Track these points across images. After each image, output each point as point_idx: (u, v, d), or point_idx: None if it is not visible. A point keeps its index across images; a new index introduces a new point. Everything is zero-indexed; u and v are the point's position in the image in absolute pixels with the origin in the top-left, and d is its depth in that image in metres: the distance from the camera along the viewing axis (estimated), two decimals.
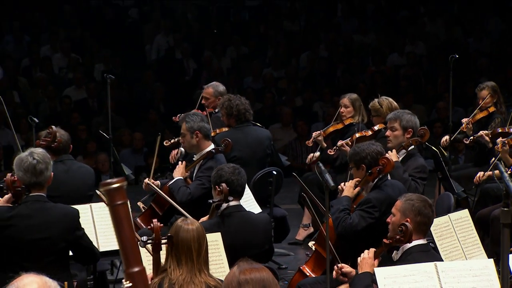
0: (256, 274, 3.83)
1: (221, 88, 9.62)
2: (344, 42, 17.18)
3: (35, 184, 6.03)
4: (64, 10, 16.96)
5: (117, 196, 2.87)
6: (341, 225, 6.65)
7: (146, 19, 17.26)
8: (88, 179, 7.75)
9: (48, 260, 5.99)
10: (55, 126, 7.85)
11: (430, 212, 5.80)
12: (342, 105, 9.65)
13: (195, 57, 16.12)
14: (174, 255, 5.07)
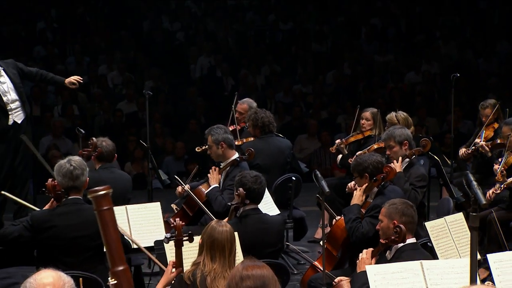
0: (258, 270, 3.81)
1: (254, 104, 9.64)
2: (366, 62, 17.09)
3: (72, 188, 6.07)
4: (121, 35, 17.08)
5: (103, 202, 2.88)
6: (354, 234, 6.65)
7: (191, 42, 17.30)
8: (127, 184, 7.78)
9: (86, 255, 6.04)
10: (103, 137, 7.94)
11: (413, 212, 5.80)
12: (363, 117, 9.59)
13: (233, 75, 16.12)
14: (208, 252, 5.09)
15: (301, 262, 8.91)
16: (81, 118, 14.09)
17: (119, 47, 16.69)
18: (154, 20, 17.82)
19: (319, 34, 17.93)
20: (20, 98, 8.72)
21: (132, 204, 7.37)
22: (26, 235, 6.04)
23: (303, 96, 15.61)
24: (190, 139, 13.17)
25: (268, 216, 6.73)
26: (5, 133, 8.67)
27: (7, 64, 8.93)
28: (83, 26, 17.52)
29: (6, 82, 8.67)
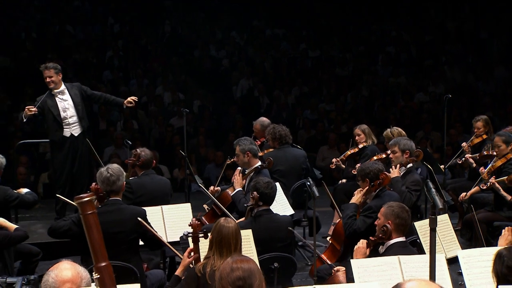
0: (245, 264, 3.81)
1: (266, 122, 9.61)
2: (381, 84, 17.00)
3: (111, 191, 6.14)
4: (174, 61, 17.20)
5: (88, 207, 2.87)
6: (348, 230, 6.68)
7: (234, 67, 17.35)
8: (165, 187, 7.80)
9: (123, 248, 6.08)
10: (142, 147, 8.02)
11: (407, 216, 5.76)
12: (356, 134, 9.63)
13: (268, 95, 16.11)
14: (217, 247, 5.10)
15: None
16: (139, 131, 14.22)
17: (173, 71, 16.80)
18: (203, 48, 17.90)
19: (342, 60, 17.87)
20: (77, 114, 8.91)
21: (171, 204, 7.47)
22: (74, 229, 6.11)
23: (326, 113, 15.56)
24: (229, 149, 13.17)
25: (278, 216, 6.74)
26: (63, 144, 8.85)
27: (72, 86, 9.16)
28: (144, 54, 17.67)
29: (68, 100, 8.89)
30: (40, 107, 8.84)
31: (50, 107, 8.88)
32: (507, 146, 8.57)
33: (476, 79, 17.38)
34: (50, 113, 8.87)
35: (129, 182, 7.49)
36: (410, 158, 7.87)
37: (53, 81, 8.91)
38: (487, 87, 17.01)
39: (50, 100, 8.92)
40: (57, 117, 8.85)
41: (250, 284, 3.71)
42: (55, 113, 8.85)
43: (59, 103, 8.91)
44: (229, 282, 3.71)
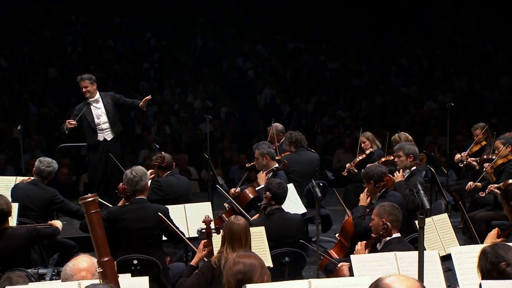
0: (247, 259, 3.83)
1: (280, 127, 9.60)
2: (394, 93, 16.88)
3: (136, 191, 6.16)
4: (204, 72, 17.27)
5: (91, 207, 2.87)
6: (358, 228, 6.66)
7: (259, 77, 17.37)
8: (187, 186, 7.86)
9: (147, 242, 6.11)
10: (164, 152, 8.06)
11: (398, 213, 5.72)
12: (361, 142, 9.58)
13: (289, 103, 16.09)
14: (229, 242, 5.09)
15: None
16: (171, 136, 14.28)
17: (203, 81, 16.85)
18: (231, 60, 17.97)
19: (358, 72, 17.79)
20: (109, 121, 8.99)
21: (193, 202, 7.48)
22: (104, 226, 6.15)
23: (342, 119, 15.48)
24: (252, 153, 13.15)
25: (290, 214, 6.72)
26: (97, 147, 8.94)
27: (106, 94, 9.24)
28: (177, 65, 17.76)
29: (101, 108, 8.98)
30: (76, 115, 8.96)
31: (86, 114, 8.99)
32: (505, 147, 8.49)
33: (482, 88, 17.21)
34: (86, 120, 8.98)
35: (159, 181, 7.56)
36: (414, 161, 7.80)
37: (89, 91, 9.01)
38: (492, 96, 16.85)
39: (86, 108, 9.03)
40: (91, 123, 8.95)
41: (249, 278, 3.72)
42: (89, 120, 8.96)
43: (93, 111, 9.01)
44: (231, 274, 3.75)
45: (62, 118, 14.12)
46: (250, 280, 3.72)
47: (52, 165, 7.47)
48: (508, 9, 18.59)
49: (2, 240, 6.13)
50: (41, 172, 7.39)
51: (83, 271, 3.39)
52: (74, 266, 3.40)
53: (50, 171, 7.43)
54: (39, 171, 7.39)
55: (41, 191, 7.30)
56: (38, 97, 15.54)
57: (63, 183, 11.29)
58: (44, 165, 7.41)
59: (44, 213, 7.20)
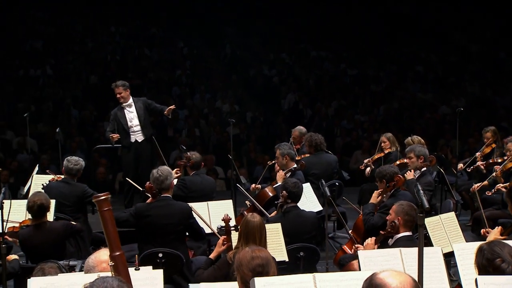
0: (262, 253, 3.82)
1: (303, 130, 9.57)
2: (410, 98, 16.73)
3: (161, 189, 6.18)
4: (232, 79, 17.32)
5: (104, 204, 2.86)
6: (366, 224, 6.63)
7: (283, 83, 17.34)
8: (211, 185, 7.84)
9: (171, 237, 6.11)
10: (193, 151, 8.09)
11: (414, 213, 5.63)
12: (381, 141, 9.49)
13: (311, 107, 16.03)
14: (244, 238, 5.07)
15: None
16: (200, 138, 14.32)
17: (231, 87, 16.89)
18: (257, 68, 17.97)
19: (376, 78, 17.67)
20: (140, 124, 9.05)
21: (216, 200, 7.49)
22: (131, 220, 6.20)
23: (361, 123, 15.39)
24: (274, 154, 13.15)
25: (305, 212, 6.68)
26: (129, 148, 9.00)
27: (138, 100, 9.31)
28: (207, 72, 17.78)
29: (133, 112, 9.06)
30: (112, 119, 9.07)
31: (120, 118, 9.08)
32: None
33: (494, 94, 16.97)
34: (120, 123, 9.06)
35: (184, 179, 7.58)
36: (424, 163, 7.74)
37: (122, 97, 9.10)
38: (503, 101, 16.60)
39: (120, 112, 9.12)
40: (124, 126, 9.04)
41: (267, 271, 3.71)
42: (123, 123, 9.04)
43: (126, 115, 9.09)
44: (249, 268, 3.70)
45: (101, 121, 14.30)
46: (267, 273, 3.71)
47: (79, 162, 7.52)
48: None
49: (41, 233, 6.22)
50: (70, 171, 7.45)
51: (104, 263, 3.43)
52: (95, 258, 3.44)
53: (78, 168, 7.48)
54: (68, 169, 7.45)
55: (72, 187, 7.35)
56: (79, 101, 15.72)
57: (100, 181, 11.42)
58: (72, 163, 7.47)
59: (78, 207, 7.26)
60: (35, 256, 6.24)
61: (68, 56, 17.71)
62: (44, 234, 6.22)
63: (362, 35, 19.46)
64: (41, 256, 5.98)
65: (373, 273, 2.72)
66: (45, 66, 16.84)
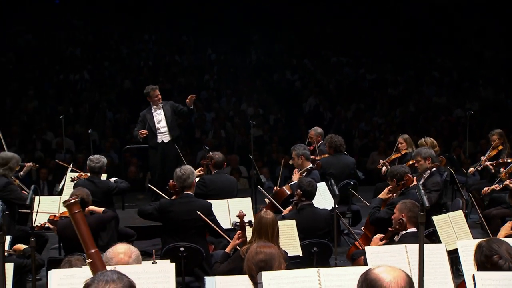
0: (267, 249, 3.82)
1: (319, 130, 9.54)
2: (426, 101, 16.55)
3: (184, 187, 6.22)
4: (256, 83, 17.32)
5: (74, 208, 2.83)
6: (371, 217, 6.60)
7: (305, 87, 17.29)
8: (232, 184, 7.84)
9: (192, 232, 6.16)
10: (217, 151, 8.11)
11: (417, 210, 5.58)
12: (398, 142, 9.39)
13: (331, 110, 15.96)
14: (257, 234, 5.08)
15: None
16: (226, 139, 14.35)
17: (255, 91, 16.89)
18: (280, 73, 17.94)
19: (394, 83, 17.52)
20: (167, 125, 9.09)
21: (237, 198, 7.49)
22: (155, 214, 6.26)
23: (378, 125, 15.27)
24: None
25: (319, 209, 6.66)
26: (156, 148, 9.05)
27: (166, 103, 9.36)
28: (233, 77, 17.84)
29: (161, 113, 9.11)
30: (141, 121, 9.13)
31: (149, 120, 9.13)
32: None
33: (506, 98, 16.69)
34: (148, 124, 9.11)
35: (204, 178, 7.61)
36: (433, 163, 7.65)
37: (160, 98, 9.16)
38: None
39: (149, 114, 9.18)
40: (152, 127, 9.09)
41: (270, 266, 3.72)
42: (151, 124, 9.10)
43: (154, 117, 9.14)
44: (253, 263, 3.74)
45: (133, 123, 14.38)
46: (270, 268, 3.72)
47: (101, 160, 7.59)
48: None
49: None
50: (93, 169, 7.53)
51: (121, 254, 3.46)
52: (113, 250, 3.48)
53: (100, 165, 7.55)
54: (91, 168, 7.53)
55: (98, 185, 7.40)
56: (114, 105, 15.87)
57: (131, 179, 11.50)
58: (93, 162, 7.54)
59: (106, 201, 7.30)
60: (69, 247, 6.31)
61: (104, 62, 17.91)
62: None
63: (381, 42, 19.33)
64: (75, 247, 6.05)
65: (368, 269, 2.71)
66: (83, 72, 17.03)
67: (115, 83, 16.93)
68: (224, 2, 19.45)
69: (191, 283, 6.06)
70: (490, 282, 3.49)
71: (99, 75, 17.22)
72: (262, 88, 17.12)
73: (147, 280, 3.30)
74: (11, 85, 16.03)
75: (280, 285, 3.38)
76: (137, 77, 17.13)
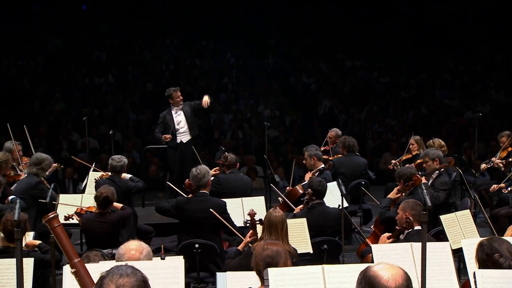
0: (274, 246, 3.82)
1: (339, 132, 9.52)
2: (438, 104, 16.40)
3: (199, 186, 6.23)
4: (273, 86, 17.31)
5: (54, 222, 2.84)
6: (381, 217, 6.55)
7: (320, 90, 17.22)
8: (246, 183, 7.83)
9: (206, 229, 6.18)
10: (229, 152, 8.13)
11: (420, 208, 5.54)
12: (410, 143, 9.34)
13: (345, 112, 15.89)
14: (267, 231, 5.07)
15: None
16: (243, 140, 14.36)
17: (272, 94, 16.87)
18: (296, 76, 17.90)
19: (406, 85, 17.39)
20: (187, 125, 9.12)
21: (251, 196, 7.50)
22: (172, 211, 6.30)
23: (391, 127, 15.16)
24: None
25: (329, 208, 6.63)
26: (175, 147, 9.09)
27: (185, 104, 9.37)
28: (251, 80, 17.82)
29: (181, 114, 9.15)
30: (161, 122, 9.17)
31: (168, 121, 9.16)
32: None
33: None
34: (168, 125, 9.15)
35: (218, 177, 7.63)
36: (441, 164, 7.58)
37: (181, 99, 9.19)
38: None
39: (169, 115, 9.20)
40: (172, 128, 9.11)
41: (276, 262, 3.71)
42: (171, 125, 9.12)
43: (174, 118, 9.17)
44: (260, 259, 3.74)
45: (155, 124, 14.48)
46: (276, 264, 3.72)
47: (122, 159, 7.64)
48: None
49: (99, 222, 6.39)
50: (114, 168, 7.58)
51: (132, 250, 3.47)
52: (125, 247, 3.50)
53: (122, 165, 7.60)
54: (113, 167, 7.58)
55: (118, 184, 7.45)
56: (137, 107, 15.97)
57: (152, 178, 11.59)
58: (115, 161, 7.60)
59: (126, 200, 7.34)
60: (91, 242, 6.40)
61: (128, 66, 18.03)
62: (102, 223, 6.39)
63: (394, 46, 19.21)
64: (97, 242, 6.14)
65: (367, 266, 2.70)
66: (108, 75, 17.17)
67: (138, 86, 17.03)
68: (243, 8, 19.49)
69: (205, 278, 6.08)
70: (490, 279, 3.46)
71: (123, 79, 17.35)
72: (279, 91, 17.10)
73: (156, 275, 3.31)
74: (39, 88, 16.21)
75: (285, 281, 3.38)
76: (159, 81, 17.21)
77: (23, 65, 17.26)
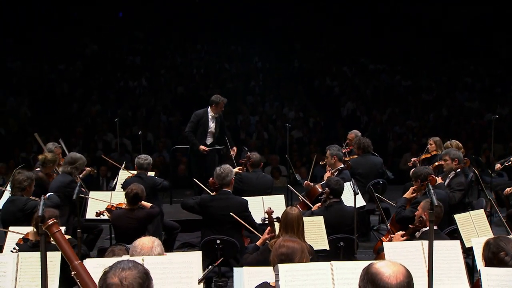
0: (290, 243, 3.80)
1: (359, 134, 9.44)
2: (458, 106, 16.14)
3: (223, 184, 6.25)
4: (298, 89, 17.25)
5: (54, 228, 2.84)
6: (397, 216, 6.49)
7: (343, 93, 17.11)
8: (268, 182, 7.81)
9: (228, 226, 6.20)
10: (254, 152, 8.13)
11: (440, 210, 5.47)
12: (429, 143, 9.22)
13: (367, 114, 15.76)
14: (284, 228, 5.07)
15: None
16: (268, 140, 14.35)
17: (297, 96, 16.83)
18: (320, 79, 17.81)
19: (428, 88, 17.16)
20: (216, 130, 9.16)
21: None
22: (196, 208, 6.33)
23: (411, 128, 14.98)
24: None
25: (346, 207, 6.59)
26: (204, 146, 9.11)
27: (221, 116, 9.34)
28: (277, 83, 17.76)
29: (215, 122, 9.14)
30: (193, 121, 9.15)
31: (203, 122, 9.13)
32: None
33: None
34: (201, 126, 9.14)
35: (241, 175, 7.64)
36: (458, 165, 7.47)
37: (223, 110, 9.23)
38: None
39: (205, 117, 9.17)
40: (206, 129, 9.11)
41: (291, 259, 3.69)
42: (205, 127, 9.11)
43: (209, 120, 9.13)
44: (276, 255, 3.73)
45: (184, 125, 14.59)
46: (291, 261, 3.69)
47: (148, 158, 7.72)
48: None
49: (129, 217, 6.43)
50: (141, 166, 7.65)
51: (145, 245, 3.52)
52: (139, 242, 3.55)
53: (148, 163, 7.67)
54: (140, 165, 7.65)
55: (145, 180, 7.49)
56: (168, 109, 16.09)
57: (180, 176, 11.67)
58: (142, 159, 7.67)
59: (152, 196, 7.39)
60: (121, 237, 6.45)
61: (161, 70, 18.19)
62: (130, 219, 6.43)
63: (416, 50, 18.97)
64: (125, 237, 6.19)
65: (370, 263, 2.67)
66: (141, 79, 17.34)
67: (170, 89, 17.16)
68: (270, 14, 19.50)
69: (227, 272, 6.09)
70: (495, 277, 3.40)
71: (155, 82, 17.50)
72: (303, 93, 17.05)
73: (172, 270, 3.33)
74: (77, 91, 16.47)
75: (295, 276, 3.37)
76: (189, 84, 17.33)
77: (63, 69, 17.55)
